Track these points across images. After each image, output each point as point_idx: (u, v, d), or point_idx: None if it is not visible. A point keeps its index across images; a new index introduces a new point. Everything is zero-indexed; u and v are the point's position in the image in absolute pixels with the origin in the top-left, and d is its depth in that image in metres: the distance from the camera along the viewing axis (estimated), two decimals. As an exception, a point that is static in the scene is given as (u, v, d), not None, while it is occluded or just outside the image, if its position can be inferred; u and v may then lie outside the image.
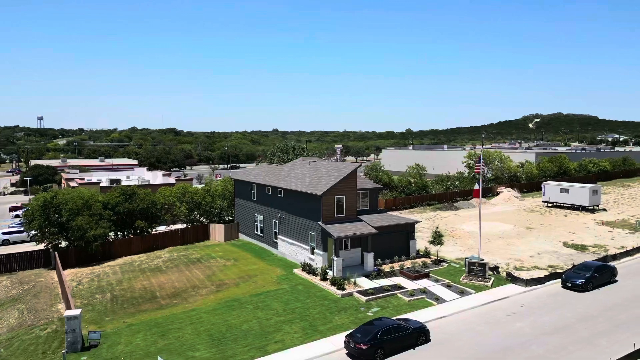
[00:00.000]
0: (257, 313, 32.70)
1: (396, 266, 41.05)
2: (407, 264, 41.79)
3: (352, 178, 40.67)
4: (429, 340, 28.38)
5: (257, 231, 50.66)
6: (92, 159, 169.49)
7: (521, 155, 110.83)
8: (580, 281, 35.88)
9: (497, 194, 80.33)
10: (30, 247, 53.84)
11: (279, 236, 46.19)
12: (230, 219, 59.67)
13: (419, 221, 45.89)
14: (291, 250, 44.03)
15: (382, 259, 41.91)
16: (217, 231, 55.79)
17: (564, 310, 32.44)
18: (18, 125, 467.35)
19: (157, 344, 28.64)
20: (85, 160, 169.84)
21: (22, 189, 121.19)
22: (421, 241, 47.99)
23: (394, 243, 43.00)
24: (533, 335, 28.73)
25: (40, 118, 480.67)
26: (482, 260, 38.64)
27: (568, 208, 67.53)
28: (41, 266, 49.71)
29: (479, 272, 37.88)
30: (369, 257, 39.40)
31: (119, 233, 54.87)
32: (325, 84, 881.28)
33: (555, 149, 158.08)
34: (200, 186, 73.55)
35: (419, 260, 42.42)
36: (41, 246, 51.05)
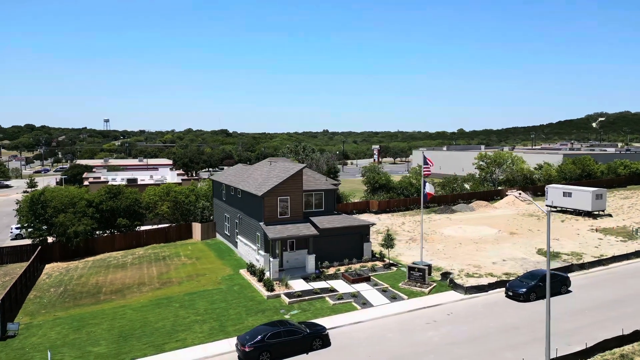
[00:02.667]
0: (179, 312, 33.16)
1: (343, 269, 40.31)
2: (357, 266, 40.92)
3: (297, 179, 40.32)
4: (328, 345, 27.75)
5: (226, 231, 51.33)
6: (133, 159, 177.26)
7: (549, 157, 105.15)
8: (522, 290, 33.79)
9: (506, 196, 76.74)
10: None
11: (238, 236, 46.57)
12: (212, 218, 60.68)
13: (374, 224, 44.81)
14: (245, 250, 44.27)
15: (330, 261, 41.24)
16: (197, 230, 56.93)
17: (489, 320, 30.70)
18: (85, 127, 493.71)
19: (66, 338, 29.74)
20: (127, 160, 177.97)
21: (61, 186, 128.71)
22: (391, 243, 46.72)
23: (347, 245, 42.24)
24: (438, 345, 27.43)
25: (107, 120, 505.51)
26: (425, 265, 37.23)
27: (571, 213, 63.51)
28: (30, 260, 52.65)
29: (418, 277, 36.52)
30: (310, 259, 38.90)
31: (102, 230, 57.04)
32: (379, 84, 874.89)
33: (604, 150, 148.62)
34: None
35: (369, 264, 41.43)
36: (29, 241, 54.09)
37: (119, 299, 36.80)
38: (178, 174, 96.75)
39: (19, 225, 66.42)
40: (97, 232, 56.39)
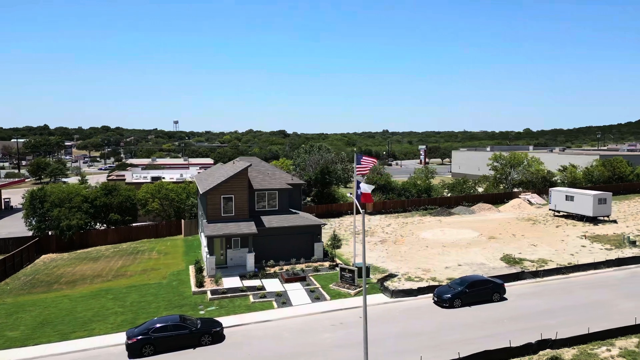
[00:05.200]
0: (107, 303, 34.77)
1: (288, 268, 40.44)
2: (303, 266, 40.91)
3: (242, 178, 40.84)
4: (220, 341, 28.14)
5: (199, 228, 52.85)
6: (179, 159, 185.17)
7: (584, 158, 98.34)
8: (446, 296, 32.42)
9: (513, 199, 72.86)
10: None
11: (201, 233, 47.87)
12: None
13: (325, 224, 44.46)
14: (203, 247, 45.45)
15: (277, 260, 41.50)
16: (183, 226, 58.97)
17: (397, 324, 29.79)
18: (156, 128, 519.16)
19: (-6, 322, 32.15)
20: (172, 159, 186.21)
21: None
22: (337, 244, 46.31)
23: (297, 245, 42.28)
24: (324, 346, 27.10)
25: (176, 122, 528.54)
26: (359, 267, 36.59)
27: (573, 218, 59.35)
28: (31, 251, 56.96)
29: (348, 278, 35.98)
30: (250, 258, 39.34)
31: (97, 224, 60.45)
32: (443, 84, 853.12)
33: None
34: None
35: (316, 264, 41.27)
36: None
37: (67, 288, 39.11)
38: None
39: None
40: (93, 226, 59.86)
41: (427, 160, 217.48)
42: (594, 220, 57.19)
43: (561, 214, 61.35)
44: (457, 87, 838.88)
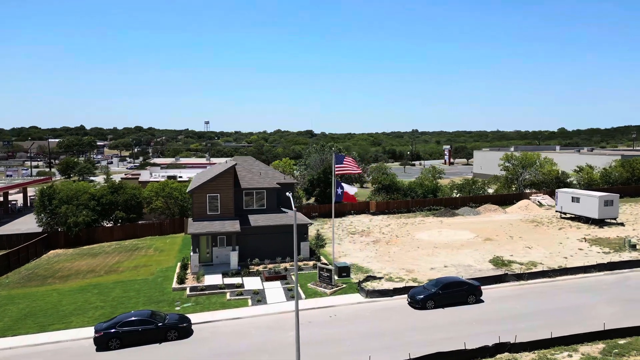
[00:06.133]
0: (91, 298, 35.92)
1: (271, 266, 40.85)
2: (287, 265, 41.23)
3: (228, 177, 41.44)
4: (187, 337, 28.74)
5: (196, 226, 53.74)
6: (201, 159, 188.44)
7: (604, 159, 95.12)
8: (419, 297, 32.16)
9: (522, 200, 71.14)
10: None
11: (194, 231, 48.68)
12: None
13: (311, 223, 44.56)
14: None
15: (262, 258, 41.96)
16: (185, 224, 60.10)
17: (363, 325, 29.78)
18: (187, 129, 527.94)
19: (-17, 313, 33.68)
20: (196, 159, 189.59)
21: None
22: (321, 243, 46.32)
23: (284, 243, 42.58)
24: (285, 344, 27.32)
25: (207, 122, 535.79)
26: (343, 266, 36.86)
27: (579, 220, 57.60)
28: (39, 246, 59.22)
29: (326, 278, 36.10)
30: (233, 256, 39.90)
31: (104, 221, 62.27)
32: (476, 82, 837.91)
33: None
34: None
35: (301, 263, 41.50)
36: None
37: (60, 283, 40.55)
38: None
39: None
40: (100, 223, 61.71)
41: (451, 160, 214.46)
42: (600, 222, 55.36)
43: (567, 216, 59.65)
44: (492, 86, 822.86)
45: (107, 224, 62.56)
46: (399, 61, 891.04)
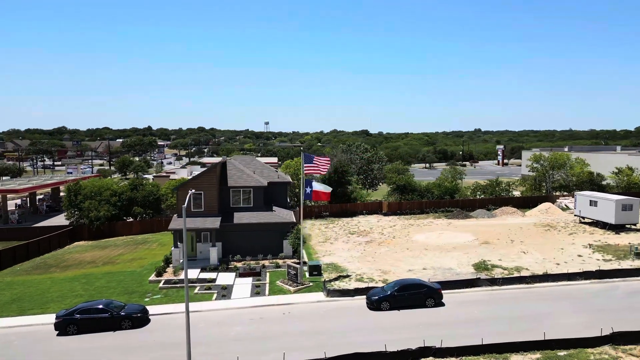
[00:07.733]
0: (77, 287, 38.47)
1: (251, 263, 41.78)
2: (267, 262, 42.00)
3: (211, 175, 42.81)
4: (142, 326, 30.34)
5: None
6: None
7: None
8: (374, 298, 31.89)
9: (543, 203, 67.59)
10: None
11: (192, 227, 50.53)
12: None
13: (295, 223, 44.85)
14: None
15: (244, 255, 42.99)
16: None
17: (309, 323, 30.09)
18: (247, 129, 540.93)
19: (-21, 297, 37.03)
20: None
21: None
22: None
23: (267, 241, 43.51)
24: (224, 339, 28.26)
25: (267, 123, 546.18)
26: (297, 264, 37.19)
27: (595, 225, 54.04)
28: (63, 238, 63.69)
29: (293, 276, 36.50)
30: (213, 252, 41.19)
31: (124, 217, 65.82)
32: (545, 78, 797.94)
33: None
34: None
35: (281, 261, 42.16)
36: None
37: (59, 272, 43.63)
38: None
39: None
40: (121, 218, 65.36)
41: (505, 160, 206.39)
42: (618, 228, 51.70)
43: (586, 220, 56.15)
44: (563, 83, 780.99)
45: (128, 219, 66.12)
46: (465, 60, 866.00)
